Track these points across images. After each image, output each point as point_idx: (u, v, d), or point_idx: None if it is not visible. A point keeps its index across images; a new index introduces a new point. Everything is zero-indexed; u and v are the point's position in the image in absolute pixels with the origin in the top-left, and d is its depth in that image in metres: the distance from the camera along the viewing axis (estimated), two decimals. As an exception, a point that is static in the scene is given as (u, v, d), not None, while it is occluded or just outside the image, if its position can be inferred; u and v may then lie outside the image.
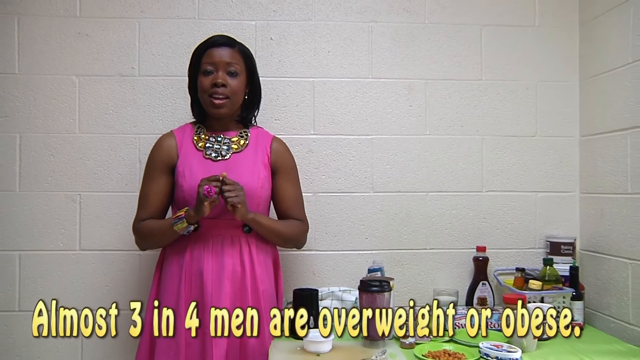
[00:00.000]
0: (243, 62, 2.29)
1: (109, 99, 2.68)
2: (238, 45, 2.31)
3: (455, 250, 2.80)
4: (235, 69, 2.25)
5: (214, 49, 2.25)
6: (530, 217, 2.83)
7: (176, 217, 2.12)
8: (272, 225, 2.27)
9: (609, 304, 2.54)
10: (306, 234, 2.42)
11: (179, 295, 2.17)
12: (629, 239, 2.42)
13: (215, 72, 2.23)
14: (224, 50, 2.25)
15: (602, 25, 2.66)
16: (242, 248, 2.22)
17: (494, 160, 2.82)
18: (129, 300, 2.50)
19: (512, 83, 2.83)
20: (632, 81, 2.42)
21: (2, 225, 2.64)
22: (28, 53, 2.66)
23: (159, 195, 2.28)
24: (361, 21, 2.78)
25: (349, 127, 2.77)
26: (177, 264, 2.22)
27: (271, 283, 2.33)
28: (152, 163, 2.30)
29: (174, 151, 2.28)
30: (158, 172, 2.28)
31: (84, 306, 2.50)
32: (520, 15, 2.83)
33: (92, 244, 2.67)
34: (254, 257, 2.24)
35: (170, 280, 2.22)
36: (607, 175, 2.60)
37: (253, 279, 2.22)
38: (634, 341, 2.30)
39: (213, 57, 2.24)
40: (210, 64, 2.23)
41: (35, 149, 2.65)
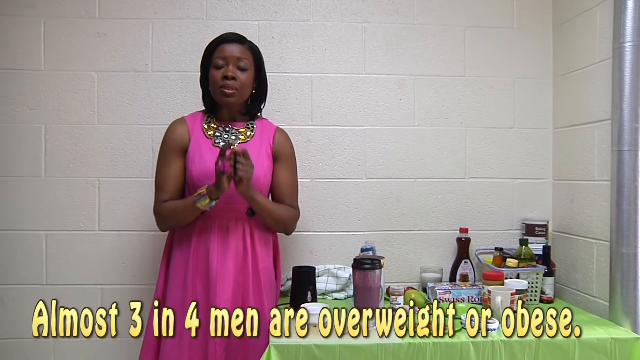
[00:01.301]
0: (252, 58, 2.34)
1: (125, 93, 2.75)
2: (248, 43, 2.35)
3: (440, 231, 2.88)
4: (245, 64, 2.29)
5: (225, 44, 2.30)
6: (508, 202, 2.90)
7: (198, 195, 2.14)
8: (268, 205, 2.30)
9: (576, 279, 2.64)
10: (296, 221, 2.45)
11: (187, 271, 2.24)
12: (594, 221, 2.51)
13: (226, 66, 2.27)
14: (235, 46, 2.30)
15: (573, 28, 2.73)
16: (245, 230, 2.29)
17: (475, 150, 2.90)
18: (142, 275, 2.69)
19: (493, 79, 2.89)
20: (599, 79, 2.48)
21: (30, 207, 2.72)
22: (52, 51, 2.73)
23: (177, 177, 2.30)
24: (355, 22, 2.84)
25: (344, 118, 2.84)
26: (186, 244, 2.28)
27: (270, 261, 2.39)
28: (167, 146, 2.33)
29: (187, 135, 2.32)
30: (173, 155, 2.31)
31: (103, 282, 2.69)
32: (500, 17, 2.89)
33: (110, 225, 2.75)
34: (255, 238, 2.31)
35: (179, 258, 2.28)
36: (576, 164, 2.67)
37: (254, 257, 2.29)
38: (596, 311, 2.42)
39: (224, 52, 2.28)
40: (221, 59, 2.28)
41: (58, 138, 2.73)
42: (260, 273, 2.31)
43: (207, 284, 2.22)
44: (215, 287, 2.20)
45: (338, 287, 2.67)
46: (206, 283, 2.23)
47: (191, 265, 2.25)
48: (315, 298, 2.42)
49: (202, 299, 2.21)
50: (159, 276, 2.35)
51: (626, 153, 2.22)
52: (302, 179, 2.58)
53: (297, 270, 2.45)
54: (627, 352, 2.06)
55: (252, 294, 2.27)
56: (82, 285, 2.75)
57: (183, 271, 2.26)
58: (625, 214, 2.21)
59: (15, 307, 2.73)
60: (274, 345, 1.95)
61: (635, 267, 2.19)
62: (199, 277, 2.24)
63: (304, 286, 2.40)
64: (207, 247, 2.25)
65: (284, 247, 2.72)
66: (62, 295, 2.69)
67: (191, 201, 2.17)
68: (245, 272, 2.28)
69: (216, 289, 2.20)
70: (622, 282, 2.22)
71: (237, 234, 2.28)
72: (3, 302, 2.72)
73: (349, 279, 2.62)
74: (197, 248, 2.26)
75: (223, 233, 2.27)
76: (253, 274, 2.29)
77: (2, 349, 2.73)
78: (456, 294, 2.53)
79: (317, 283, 2.57)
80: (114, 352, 2.75)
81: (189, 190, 2.31)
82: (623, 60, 2.23)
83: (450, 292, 2.53)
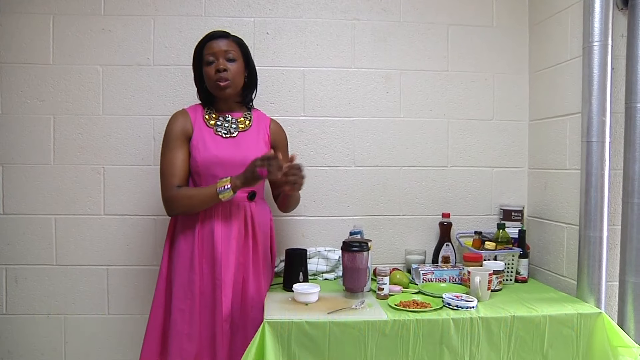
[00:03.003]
0: (238, 49, 2.41)
1: (128, 86, 2.81)
2: (232, 37, 2.43)
3: (424, 216, 2.96)
4: (233, 55, 2.37)
5: (212, 41, 2.38)
6: (487, 189, 2.99)
7: (222, 187, 2.22)
8: (297, 195, 2.48)
9: (548, 261, 2.74)
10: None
11: (193, 252, 2.31)
12: (565, 207, 2.61)
13: (216, 61, 2.35)
14: (221, 41, 2.38)
15: (547, 28, 2.80)
16: (246, 213, 2.37)
17: (457, 140, 2.97)
18: (145, 257, 2.76)
19: (473, 74, 2.97)
20: (570, 75, 2.56)
21: (40, 193, 2.79)
22: (60, 46, 2.79)
23: (185, 163, 2.35)
24: (345, 19, 2.90)
25: (334, 110, 2.91)
26: (190, 229, 2.34)
27: (267, 243, 2.49)
28: (172, 134, 2.37)
29: (190, 124, 2.39)
30: (179, 142, 2.36)
31: (109, 263, 2.77)
32: (480, 17, 2.96)
33: (114, 210, 2.82)
34: (255, 220, 2.38)
35: (184, 242, 2.35)
36: (550, 154, 2.76)
37: (254, 239, 2.38)
38: (566, 290, 2.53)
39: (212, 48, 2.36)
40: (211, 55, 2.36)
41: (66, 128, 2.79)
42: (260, 254, 2.40)
43: (213, 264, 2.31)
44: (220, 266, 2.29)
45: (328, 268, 2.73)
46: (212, 263, 2.31)
47: (197, 247, 2.32)
48: (306, 278, 2.52)
49: (208, 278, 2.31)
50: (163, 258, 2.42)
51: (594, 144, 2.34)
52: (295, 167, 2.65)
53: (290, 252, 2.54)
54: (591, 326, 2.19)
55: (252, 272, 2.37)
56: (89, 266, 2.83)
57: (189, 253, 2.33)
58: (593, 201, 2.34)
59: (28, 286, 2.82)
60: (268, 322, 2.05)
61: (600, 249, 2.33)
62: (205, 257, 2.32)
63: (296, 267, 2.50)
64: (212, 230, 2.32)
65: (278, 230, 2.80)
66: (71, 275, 2.82)
67: (213, 192, 2.25)
68: (246, 252, 2.36)
69: (221, 268, 2.28)
70: (588, 262, 2.35)
71: (239, 218, 2.36)
72: (17, 281, 2.81)
73: (339, 260, 2.70)
74: (202, 232, 2.33)
75: (226, 217, 2.34)
76: (253, 254, 2.38)
77: (16, 324, 2.83)
78: (438, 274, 2.58)
79: (309, 264, 2.65)
80: (122, 329, 2.85)
81: (192, 177, 2.39)
82: (592, 58, 2.34)
83: (433, 272, 2.58)
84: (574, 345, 2.18)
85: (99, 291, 2.85)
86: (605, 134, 2.33)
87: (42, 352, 2.83)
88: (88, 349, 2.85)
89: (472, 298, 2.21)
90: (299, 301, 2.26)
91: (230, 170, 2.31)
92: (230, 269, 2.32)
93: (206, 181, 2.35)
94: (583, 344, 2.18)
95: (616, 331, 2.17)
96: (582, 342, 2.18)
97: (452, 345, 2.10)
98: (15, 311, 2.83)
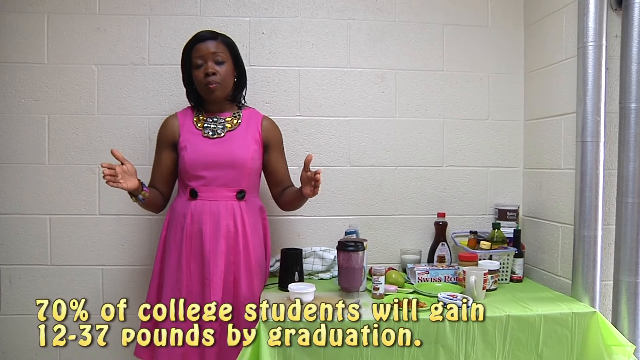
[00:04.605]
0: (227, 50, 2.41)
1: (123, 85, 2.81)
2: (220, 37, 2.42)
3: (419, 215, 2.95)
4: (222, 58, 2.37)
5: (199, 44, 2.38)
6: (482, 188, 2.99)
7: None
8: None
9: (543, 260, 2.74)
10: None
11: (181, 251, 2.34)
12: (560, 207, 2.61)
13: (205, 64, 2.35)
14: (209, 43, 2.38)
15: (542, 28, 2.80)
16: (235, 211, 2.38)
17: (452, 140, 2.97)
18: (140, 257, 2.76)
19: (469, 74, 2.96)
20: (565, 75, 2.56)
21: (35, 193, 2.78)
22: (55, 46, 2.78)
23: (166, 166, 2.45)
24: (340, 19, 2.90)
25: (329, 109, 2.90)
26: (179, 227, 2.36)
27: (260, 242, 2.49)
28: (159, 140, 2.47)
29: (177, 130, 2.43)
30: (163, 148, 2.45)
31: (103, 263, 2.76)
32: (475, 16, 2.96)
33: (110, 209, 2.81)
34: (245, 219, 2.39)
35: (174, 240, 2.37)
36: (545, 154, 2.76)
37: (244, 237, 2.38)
38: (560, 289, 2.53)
39: (200, 50, 2.36)
40: (199, 58, 2.36)
41: (61, 127, 2.78)
42: (251, 253, 2.40)
43: (202, 263, 2.32)
44: (209, 265, 2.30)
45: (324, 268, 2.73)
46: (200, 262, 2.32)
47: (185, 246, 2.34)
48: (302, 278, 2.51)
49: (196, 277, 2.32)
50: (156, 258, 2.45)
51: (589, 144, 2.34)
52: (291, 166, 2.63)
53: (286, 252, 2.53)
54: (585, 325, 2.19)
55: (244, 272, 2.37)
56: (84, 265, 2.82)
57: (177, 252, 2.36)
58: (588, 200, 2.34)
59: (22, 286, 2.81)
60: (263, 322, 2.03)
61: (594, 249, 2.34)
62: (194, 257, 2.34)
63: (292, 267, 2.50)
64: (200, 228, 2.34)
65: (274, 230, 2.80)
66: (65, 275, 2.81)
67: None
68: (237, 251, 2.36)
69: (210, 267, 2.30)
70: (583, 262, 2.35)
71: (228, 216, 2.37)
72: (11, 281, 2.80)
73: (334, 260, 2.69)
74: (191, 231, 2.35)
75: (214, 215, 2.35)
76: (244, 253, 2.38)
77: (10, 323, 2.82)
78: (434, 274, 2.57)
79: (304, 264, 2.64)
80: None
81: (181, 176, 2.44)
82: (586, 59, 2.34)
83: (429, 272, 2.57)
84: (569, 344, 2.18)
85: (94, 291, 2.83)
86: (599, 133, 2.33)
87: (37, 353, 2.82)
88: (83, 350, 2.73)
89: (468, 297, 2.21)
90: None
91: (216, 170, 2.36)
92: (220, 268, 2.33)
93: (192, 182, 2.39)
94: (577, 343, 2.19)
95: (610, 330, 2.18)
96: (576, 341, 2.19)
97: (447, 344, 2.10)
98: (10, 312, 2.82)
